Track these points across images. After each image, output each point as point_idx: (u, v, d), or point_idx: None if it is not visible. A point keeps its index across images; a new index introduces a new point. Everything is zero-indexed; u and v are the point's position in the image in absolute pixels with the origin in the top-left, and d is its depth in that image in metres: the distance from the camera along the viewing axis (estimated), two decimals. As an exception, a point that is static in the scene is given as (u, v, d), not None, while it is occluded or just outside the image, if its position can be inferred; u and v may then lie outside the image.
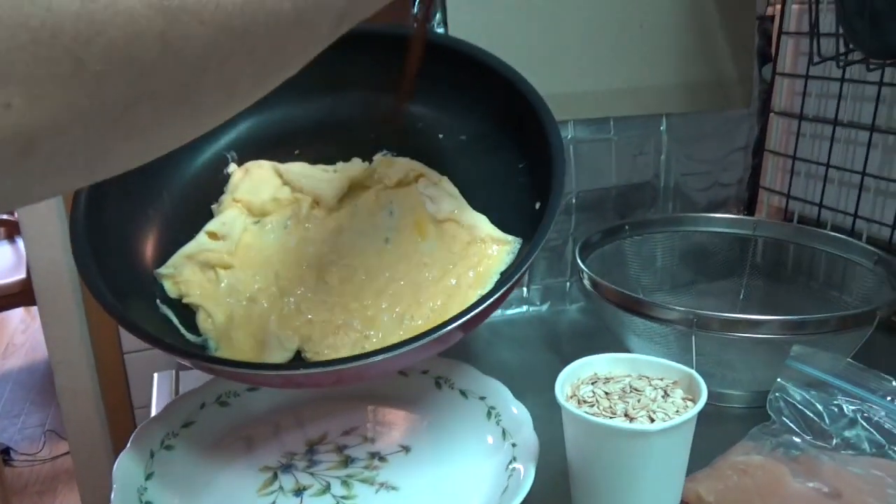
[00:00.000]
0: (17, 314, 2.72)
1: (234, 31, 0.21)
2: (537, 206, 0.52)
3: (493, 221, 0.56)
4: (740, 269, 0.74)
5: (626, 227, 0.73)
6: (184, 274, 0.53)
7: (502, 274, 0.52)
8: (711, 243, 0.75)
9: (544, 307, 0.79)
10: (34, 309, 2.51)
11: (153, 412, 0.59)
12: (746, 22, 0.81)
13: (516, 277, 0.47)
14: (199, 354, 0.49)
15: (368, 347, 0.50)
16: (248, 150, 0.60)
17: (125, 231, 0.54)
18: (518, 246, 0.54)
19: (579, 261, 0.64)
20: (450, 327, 0.44)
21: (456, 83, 0.58)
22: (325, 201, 0.56)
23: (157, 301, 0.53)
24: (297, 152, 0.61)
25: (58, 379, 1.28)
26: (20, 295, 2.06)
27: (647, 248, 0.74)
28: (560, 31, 0.73)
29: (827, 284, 0.71)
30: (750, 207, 0.89)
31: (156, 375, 0.66)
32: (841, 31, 0.67)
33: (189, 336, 0.52)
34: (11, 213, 2.27)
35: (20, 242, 2.18)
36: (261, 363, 0.49)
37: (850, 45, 0.68)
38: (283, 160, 0.59)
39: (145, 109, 0.21)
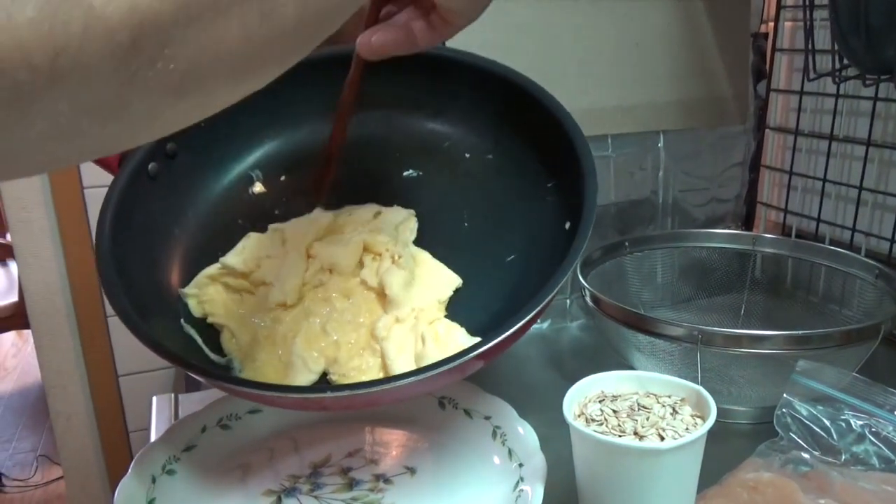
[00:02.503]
0: (9, 338, 2.69)
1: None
2: (567, 225, 0.51)
3: (523, 240, 0.55)
4: (740, 284, 0.74)
5: (626, 244, 0.73)
6: (208, 293, 0.53)
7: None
8: (711, 259, 0.75)
9: (545, 325, 0.79)
10: (26, 332, 2.50)
11: (153, 436, 0.58)
12: (741, 39, 0.82)
13: (546, 301, 0.45)
14: (222, 375, 0.49)
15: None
16: (273, 169, 0.59)
17: (150, 250, 0.53)
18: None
19: (580, 278, 0.64)
20: (483, 348, 0.43)
21: (482, 102, 0.58)
22: (340, 269, 0.54)
23: (182, 321, 0.52)
24: None
25: (51, 403, 1.27)
26: (12, 318, 2.04)
27: (648, 265, 0.74)
28: (557, 50, 0.74)
29: (827, 299, 0.71)
30: (748, 222, 0.89)
31: (154, 399, 0.66)
32: (836, 47, 0.68)
33: (213, 356, 0.51)
34: (4, 236, 2.26)
35: (12, 266, 2.16)
36: (286, 385, 0.48)
37: (846, 62, 0.69)
38: (303, 175, 0.59)
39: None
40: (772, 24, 0.84)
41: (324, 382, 0.51)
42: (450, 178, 0.59)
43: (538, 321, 0.78)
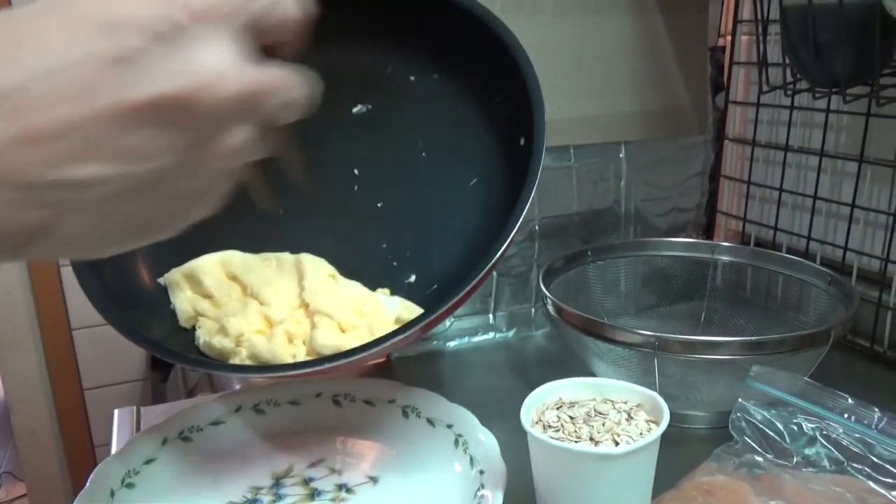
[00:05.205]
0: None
1: None
2: (522, 141, 0.51)
3: (481, 162, 0.55)
4: (700, 291, 0.76)
5: (589, 253, 0.74)
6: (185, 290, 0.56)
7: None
8: (672, 267, 0.76)
9: (510, 333, 0.80)
10: (-11, 346, 2.45)
11: (113, 450, 0.58)
12: (699, 52, 0.84)
13: (510, 239, 0.47)
14: (226, 365, 0.50)
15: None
16: None
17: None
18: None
19: (543, 287, 0.65)
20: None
21: (419, 22, 0.56)
22: None
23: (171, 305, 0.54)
24: None
25: (15, 418, 1.25)
26: (-25, 332, 2.00)
27: (610, 273, 0.75)
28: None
29: (784, 305, 0.73)
30: (708, 231, 0.91)
31: (116, 412, 0.65)
32: (787, 61, 0.70)
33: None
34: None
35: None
36: (282, 364, 0.51)
37: (797, 75, 0.71)
38: None
39: None
40: (729, 38, 0.86)
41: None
42: (399, 106, 0.58)
43: (504, 330, 0.79)
